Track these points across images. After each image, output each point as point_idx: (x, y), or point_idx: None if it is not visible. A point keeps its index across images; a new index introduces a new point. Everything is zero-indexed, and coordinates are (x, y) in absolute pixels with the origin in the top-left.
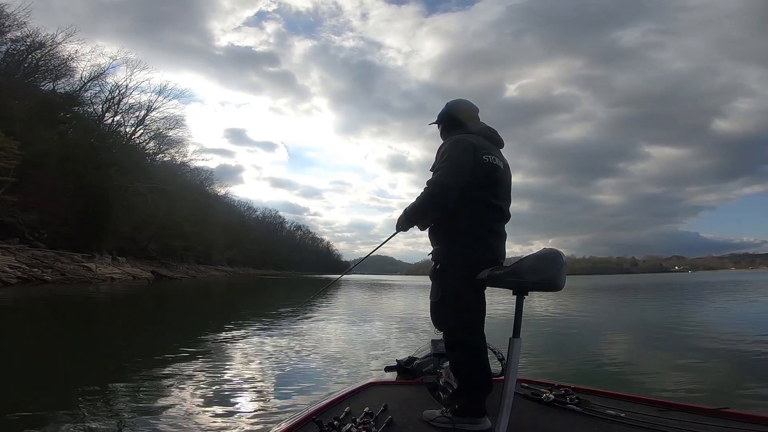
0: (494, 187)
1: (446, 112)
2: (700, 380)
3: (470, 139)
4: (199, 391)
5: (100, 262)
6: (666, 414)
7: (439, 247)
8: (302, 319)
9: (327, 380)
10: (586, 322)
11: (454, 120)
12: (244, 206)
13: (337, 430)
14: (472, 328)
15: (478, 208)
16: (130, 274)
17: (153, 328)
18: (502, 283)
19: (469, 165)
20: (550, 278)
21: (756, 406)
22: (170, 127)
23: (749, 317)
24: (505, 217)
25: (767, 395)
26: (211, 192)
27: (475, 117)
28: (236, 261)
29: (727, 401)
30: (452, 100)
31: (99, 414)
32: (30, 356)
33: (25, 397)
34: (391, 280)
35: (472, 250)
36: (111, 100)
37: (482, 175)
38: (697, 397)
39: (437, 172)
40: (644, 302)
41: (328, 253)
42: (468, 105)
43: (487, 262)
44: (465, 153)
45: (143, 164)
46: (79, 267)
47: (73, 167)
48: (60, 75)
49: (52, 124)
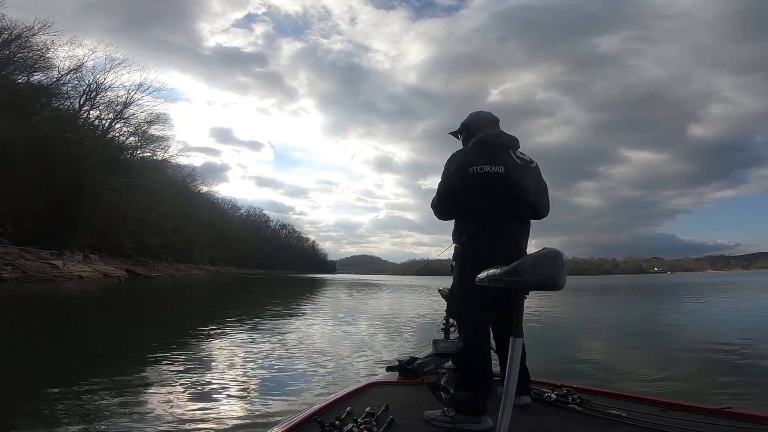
0: (487, 192)
1: (465, 123)
2: (701, 380)
3: (463, 153)
4: (196, 393)
5: (70, 259)
6: (668, 414)
7: (454, 248)
8: (294, 319)
9: (327, 380)
10: (585, 322)
11: (468, 131)
12: (228, 204)
13: (338, 429)
14: (472, 322)
15: (474, 213)
16: (102, 272)
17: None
18: (501, 283)
19: (457, 180)
20: (550, 278)
21: (759, 405)
22: (152, 122)
23: (749, 317)
24: (506, 216)
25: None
26: (194, 189)
27: (485, 126)
28: (218, 260)
29: (730, 401)
30: (474, 111)
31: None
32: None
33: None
34: (377, 280)
35: (476, 249)
36: (88, 93)
37: (474, 185)
38: (700, 397)
39: (436, 191)
40: (638, 303)
41: (314, 253)
42: (480, 117)
43: (493, 260)
44: (448, 172)
45: (120, 159)
46: (45, 264)
47: (43, 160)
48: (36, 68)
49: (21, 115)
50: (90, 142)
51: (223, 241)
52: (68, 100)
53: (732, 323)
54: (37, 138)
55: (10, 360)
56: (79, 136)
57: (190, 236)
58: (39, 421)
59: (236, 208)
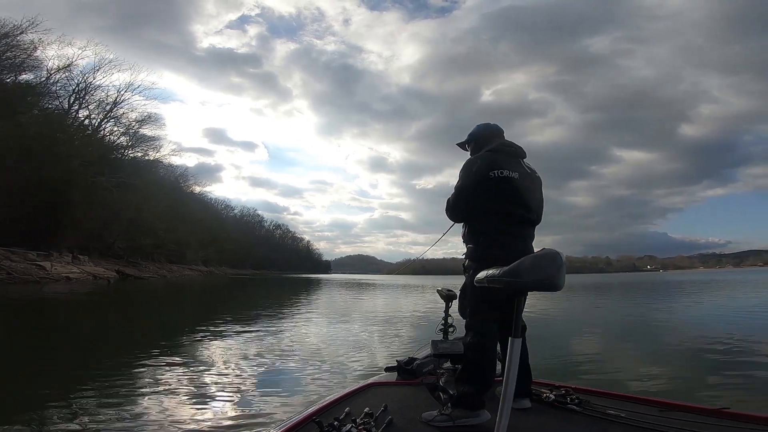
0: (502, 195)
1: (474, 134)
2: (700, 380)
3: (481, 159)
4: (193, 395)
5: (58, 260)
6: (667, 414)
7: (466, 248)
8: (291, 320)
9: (325, 381)
10: (581, 321)
11: (478, 141)
12: (222, 204)
13: (337, 430)
14: (483, 319)
15: (488, 214)
16: (91, 273)
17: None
18: (500, 283)
19: (473, 184)
20: (549, 278)
21: (758, 406)
22: (143, 121)
23: (749, 316)
24: (515, 219)
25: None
26: (186, 189)
27: (494, 137)
28: (212, 260)
29: (728, 401)
30: (481, 123)
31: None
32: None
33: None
34: (372, 279)
35: (486, 250)
36: (78, 93)
37: (490, 188)
38: (698, 398)
39: (453, 193)
40: (633, 302)
41: (309, 253)
42: (489, 128)
43: (500, 260)
44: (469, 175)
45: (111, 158)
46: (32, 266)
47: (31, 159)
48: (24, 67)
49: (7, 115)
50: (79, 142)
51: (216, 241)
52: (57, 99)
53: (731, 322)
54: (24, 137)
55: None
56: (68, 136)
57: (183, 237)
58: (28, 426)
59: (230, 208)
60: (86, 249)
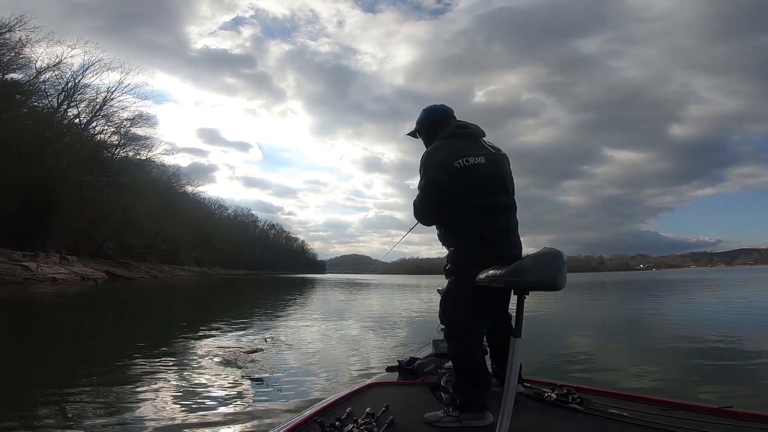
0: (477, 185)
1: (421, 121)
2: (701, 378)
3: (441, 148)
4: (191, 396)
5: (45, 261)
6: (669, 413)
7: (448, 251)
8: (289, 320)
9: (326, 381)
10: (579, 320)
11: (431, 128)
12: (215, 204)
13: (338, 430)
14: (469, 327)
15: (467, 210)
16: (79, 274)
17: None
18: (501, 283)
19: (442, 177)
20: (550, 278)
21: (759, 405)
22: (134, 120)
23: (747, 314)
24: (500, 209)
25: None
26: (179, 189)
27: (447, 120)
28: (205, 260)
29: (730, 400)
30: (426, 107)
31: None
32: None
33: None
34: (367, 279)
35: (473, 251)
36: (67, 91)
37: (460, 180)
38: (701, 396)
39: (418, 191)
40: (629, 300)
41: (303, 253)
42: (439, 111)
43: (491, 260)
44: (435, 168)
45: (101, 157)
46: (17, 266)
47: (18, 157)
48: (12, 65)
49: None
50: (68, 140)
51: (210, 241)
52: (46, 97)
53: (732, 320)
54: (10, 135)
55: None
56: (57, 134)
57: (175, 236)
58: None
59: (223, 208)
60: (75, 249)
